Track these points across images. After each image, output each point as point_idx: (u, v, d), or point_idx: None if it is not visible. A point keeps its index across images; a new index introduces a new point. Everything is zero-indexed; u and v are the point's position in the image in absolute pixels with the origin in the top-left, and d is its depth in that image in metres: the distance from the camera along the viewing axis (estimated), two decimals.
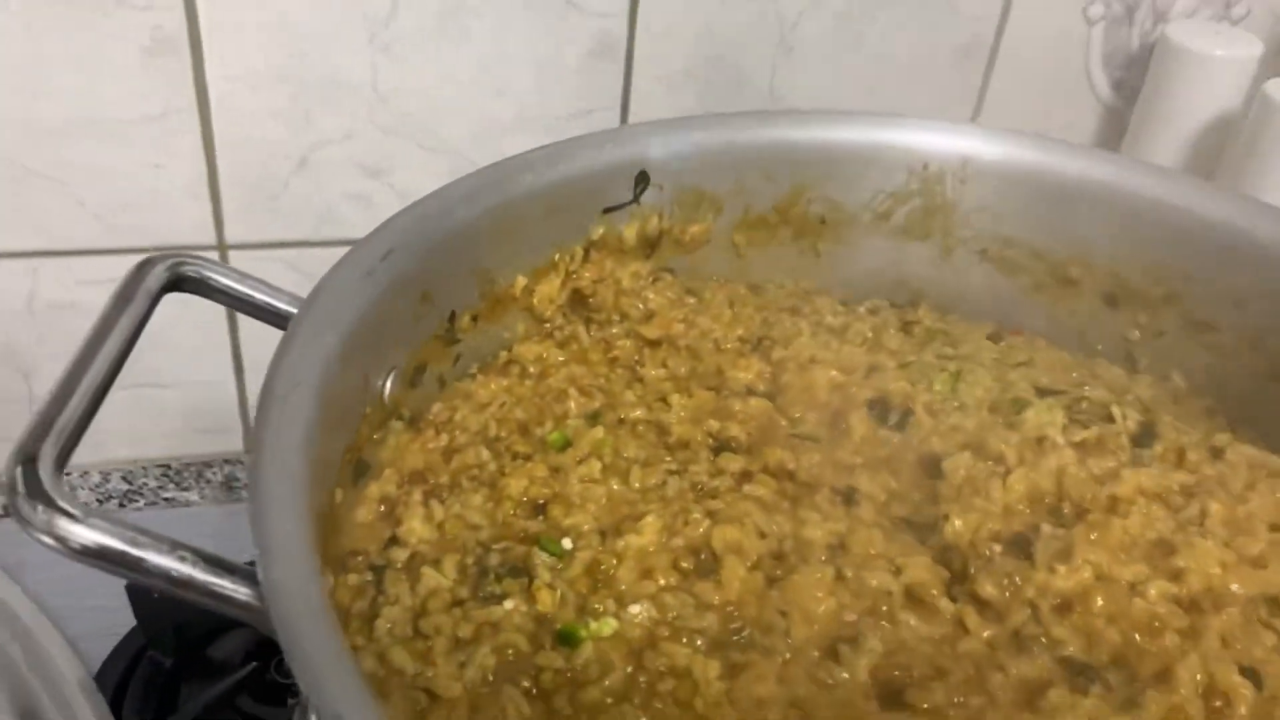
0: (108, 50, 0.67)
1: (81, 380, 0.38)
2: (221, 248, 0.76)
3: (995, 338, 0.62)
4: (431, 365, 0.53)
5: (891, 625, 0.44)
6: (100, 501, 0.85)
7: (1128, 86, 0.85)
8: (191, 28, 0.68)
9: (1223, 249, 0.57)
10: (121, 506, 0.85)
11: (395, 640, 0.42)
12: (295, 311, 0.45)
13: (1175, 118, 0.81)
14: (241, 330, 0.80)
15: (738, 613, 0.44)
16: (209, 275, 0.46)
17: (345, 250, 0.47)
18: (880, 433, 0.53)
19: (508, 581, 0.44)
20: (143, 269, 0.44)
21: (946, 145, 0.62)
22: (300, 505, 0.36)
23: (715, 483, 0.50)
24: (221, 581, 0.34)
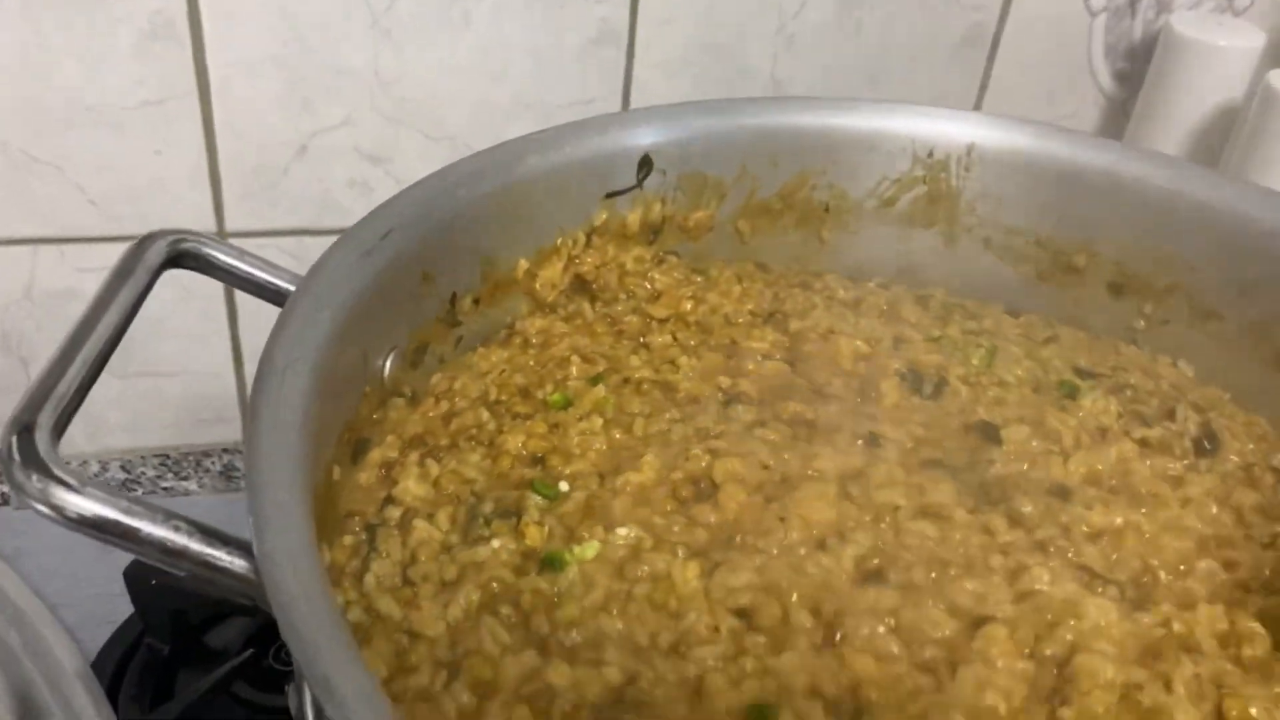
0: (107, 36, 0.67)
1: (79, 351, 0.38)
2: (221, 235, 0.75)
3: (1012, 314, 0.62)
4: (433, 346, 0.53)
5: (894, 532, 0.44)
6: None
7: (1130, 77, 0.85)
8: (191, 13, 0.67)
9: (1228, 237, 0.57)
10: None
11: (384, 591, 0.42)
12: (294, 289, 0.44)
13: (1178, 108, 0.80)
14: (241, 319, 0.80)
15: (735, 526, 0.44)
16: (209, 252, 0.46)
17: None
18: (914, 399, 0.53)
19: (496, 523, 0.44)
20: (143, 244, 0.44)
21: (952, 132, 0.61)
22: (296, 476, 0.35)
23: (722, 427, 0.49)
24: (217, 553, 0.34)
